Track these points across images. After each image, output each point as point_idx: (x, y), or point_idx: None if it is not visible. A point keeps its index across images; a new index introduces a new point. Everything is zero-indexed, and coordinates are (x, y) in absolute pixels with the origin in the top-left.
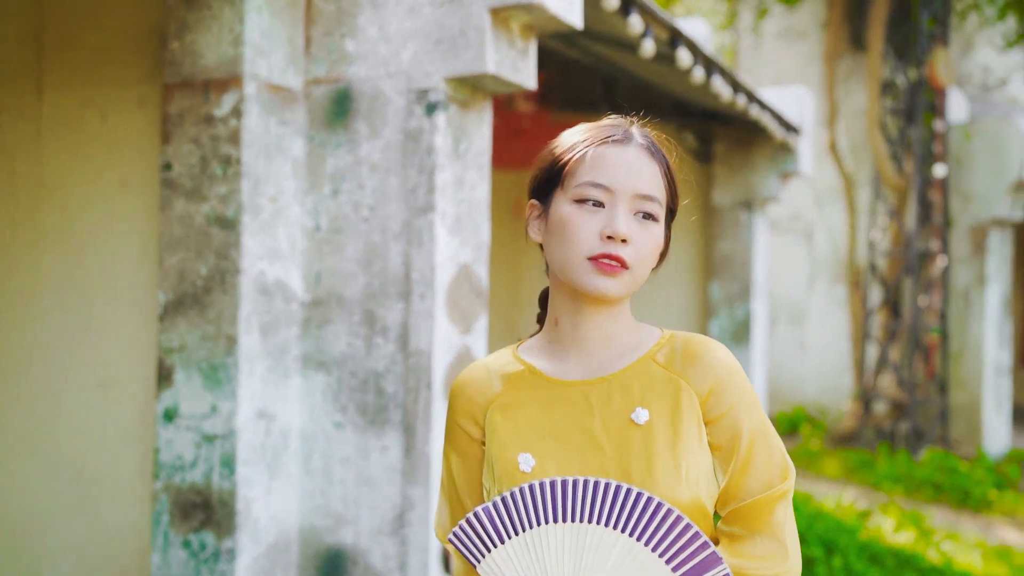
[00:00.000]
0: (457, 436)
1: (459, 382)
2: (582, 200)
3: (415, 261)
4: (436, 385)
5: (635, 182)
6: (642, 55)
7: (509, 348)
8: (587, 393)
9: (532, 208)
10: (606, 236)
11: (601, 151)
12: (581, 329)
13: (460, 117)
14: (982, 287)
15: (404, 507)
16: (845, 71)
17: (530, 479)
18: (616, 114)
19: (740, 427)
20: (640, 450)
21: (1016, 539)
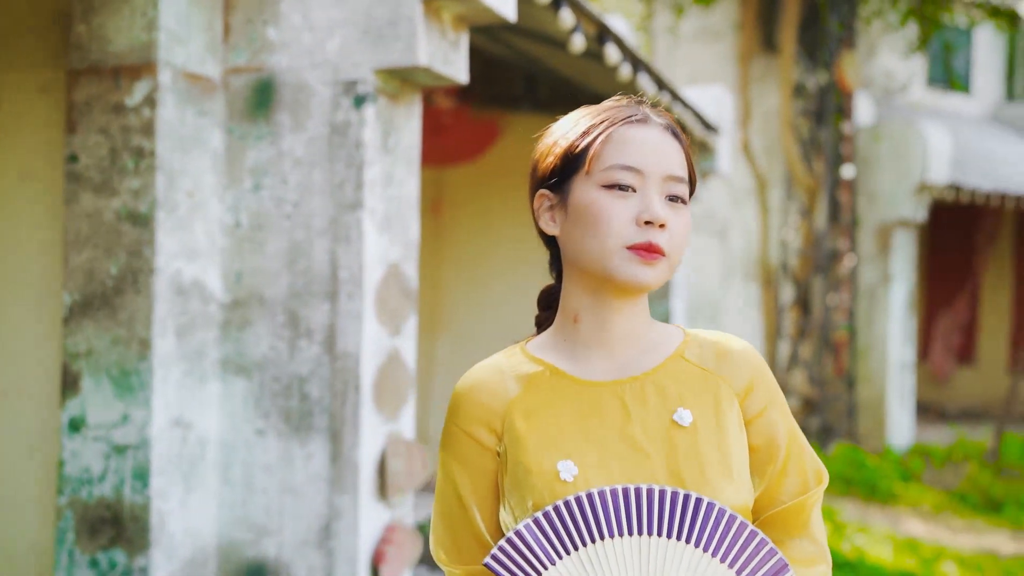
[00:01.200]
0: (464, 446)
1: (467, 385)
2: (611, 185)
3: (342, 260)
4: (364, 389)
5: (664, 163)
6: (571, 51)
7: (514, 347)
8: (619, 394)
9: (542, 199)
10: (643, 222)
11: (624, 131)
12: (607, 326)
13: (389, 110)
14: (887, 286)
15: (330, 517)
16: (758, 72)
17: (572, 489)
18: (540, 110)
19: (777, 429)
20: (688, 453)
21: (921, 530)
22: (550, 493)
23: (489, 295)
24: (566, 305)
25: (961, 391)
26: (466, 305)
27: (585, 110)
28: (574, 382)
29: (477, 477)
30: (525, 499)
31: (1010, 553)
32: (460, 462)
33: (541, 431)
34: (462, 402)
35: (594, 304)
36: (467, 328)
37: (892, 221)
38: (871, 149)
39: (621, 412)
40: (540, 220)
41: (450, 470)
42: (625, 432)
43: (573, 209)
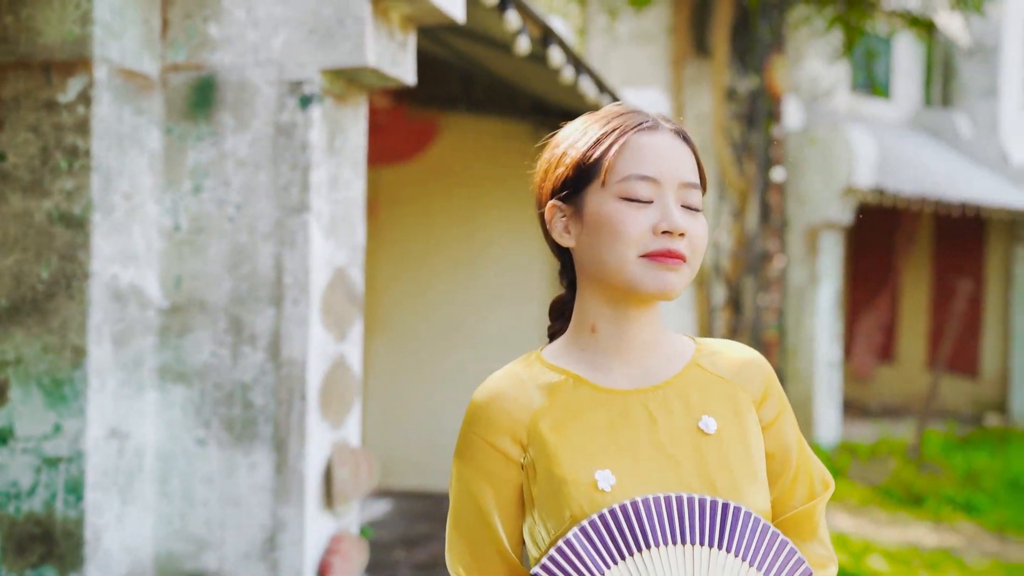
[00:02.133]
0: (489, 458)
1: (488, 395)
2: (628, 196)
3: (287, 264)
4: (311, 396)
5: (679, 171)
6: (516, 53)
7: (529, 357)
8: (645, 403)
9: (554, 210)
10: (661, 231)
11: (637, 140)
12: (626, 335)
13: (336, 111)
14: (815, 286)
15: (275, 528)
16: (691, 76)
17: (612, 498)
18: (477, 111)
19: (789, 436)
20: (717, 461)
21: (848, 524)
22: (590, 503)
23: (429, 297)
24: (582, 315)
25: (882, 388)
26: (404, 307)
27: (590, 118)
28: (599, 391)
29: (500, 489)
30: (562, 510)
31: (932, 545)
32: (482, 474)
33: (573, 441)
34: (484, 412)
35: (613, 314)
36: (406, 331)
37: (820, 223)
38: (800, 153)
39: (648, 420)
40: (554, 232)
41: (470, 483)
42: (654, 440)
43: (590, 221)
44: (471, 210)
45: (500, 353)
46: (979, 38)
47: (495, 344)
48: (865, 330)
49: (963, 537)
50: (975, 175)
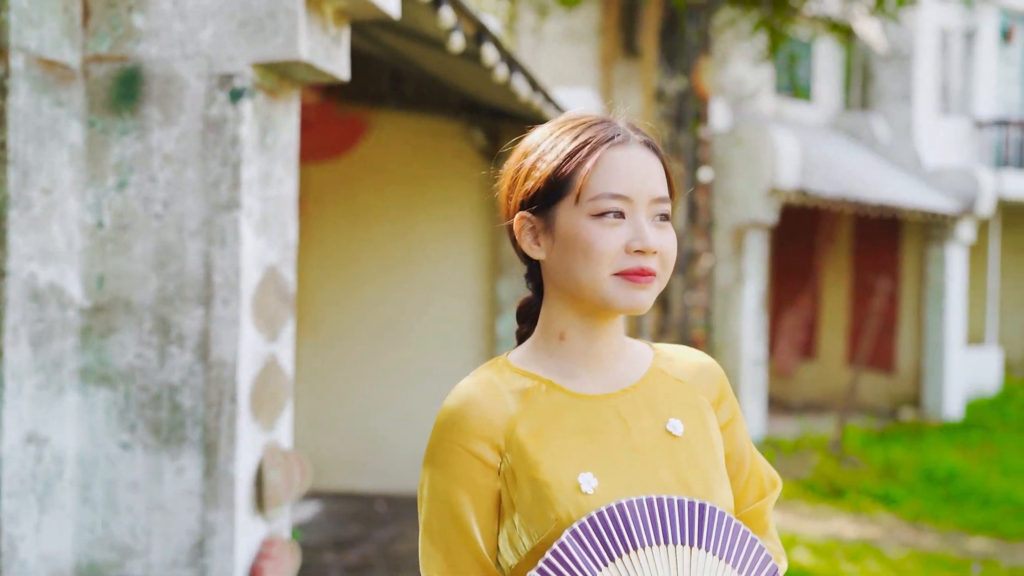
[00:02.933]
0: (466, 465)
1: (464, 401)
2: (601, 214)
3: (217, 262)
4: (241, 398)
5: (650, 186)
6: (450, 50)
7: (498, 362)
8: (615, 407)
9: (523, 221)
10: (634, 250)
11: (610, 157)
12: (596, 344)
13: (267, 106)
14: (741, 285)
15: (204, 534)
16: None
17: (596, 500)
18: (406, 108)
19: (743, 436)
20: (688, 462)
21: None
22: (575, 506)
23: (360, 297)
24: (550, 323)
25: (804, 385)
26: (334, 307)
27: (559, 127)
28: (571, 396)
29: (478, 496)
30: (547, 514)
31: (853, 537)
32: (459, 481)
33: (552, 446)
34: (460, 418)
35: (582, 324)
36: (335, 331)
37: (745, 223)
38: (727, 153)
39: (620, 424)
40: (523, 243)
41: (446, 490)
42: (628, 443)
43: (562, 237)
44: (402, 209)
45: (433, 353)
46: (895, 45)
47: (428, 344)
48: (788, 328)
49: (882, 528)
50: (891, 177)
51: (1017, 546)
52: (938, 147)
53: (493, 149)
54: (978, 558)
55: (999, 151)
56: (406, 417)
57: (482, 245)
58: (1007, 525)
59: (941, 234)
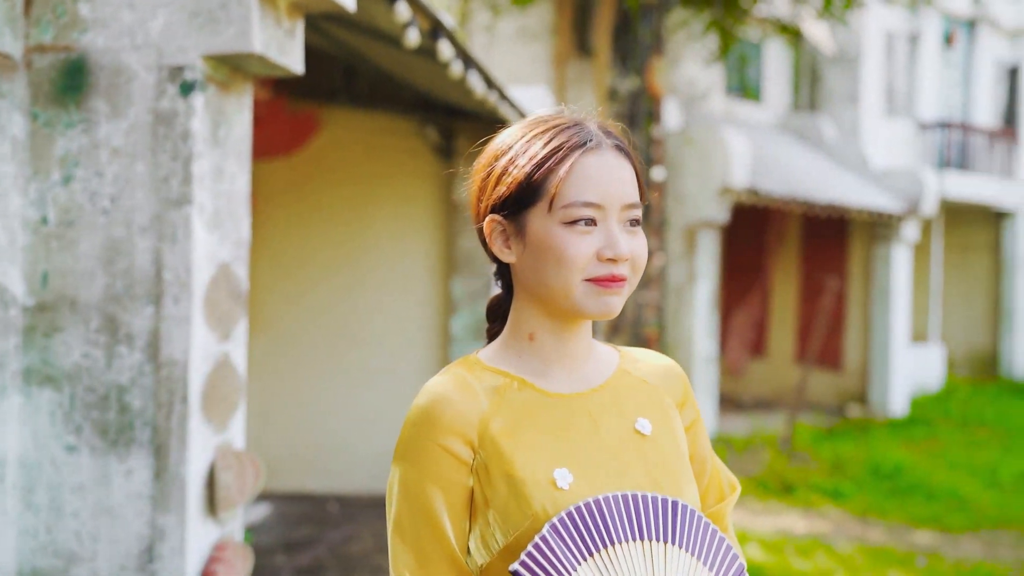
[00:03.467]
0: (438, 461)
1: (436, 397)
2: (573, 221)
3: (167, 259)
4: (193, 399)
5: (622, 192)
6: (405, 45)
7: (468, 360)
8: (586, 406)
9: (494, 224)
10: (606, 258)
11: (583, 164)
12: (565, 345)
13: (219, 100)
14: (693, 284)
15: (153, 538)
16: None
17: (571, 496)
18: (359, 105)
19: (705, 440)
20: (657, 461)
21: None
22: (551, 502)
23: (310, 296)
24: (520, 323)
25: (754, 383)
26: (284, 306)
27: (530, 129)
28: (543, 394)
29: (450, 492)
30: (523, 510)
31: (803, 532)
32: (431, 477)
33: (525, 443)
34: (433, 414)
35: (552, 326)
36: (285, 330)
37: (697, 222)
38: (679, 153)
39: (591, 423)
40: (493, 247)
41: (418, 486)
42: (599, 442)
43: (533, 243)
44: (355, 207)
45: (386, 352)
46: (842, 47)
47: (380, 343)
48: (738, 326)
49: (831, 523)
50: (839, 177)
51: (960, 538)
52: (884, 148)
53: (447, 147)
54: (923, 551)
55: (942, 152)
56: (358, 416)
57: (436, 243)
58: (951, 518)
59: (887, 234)
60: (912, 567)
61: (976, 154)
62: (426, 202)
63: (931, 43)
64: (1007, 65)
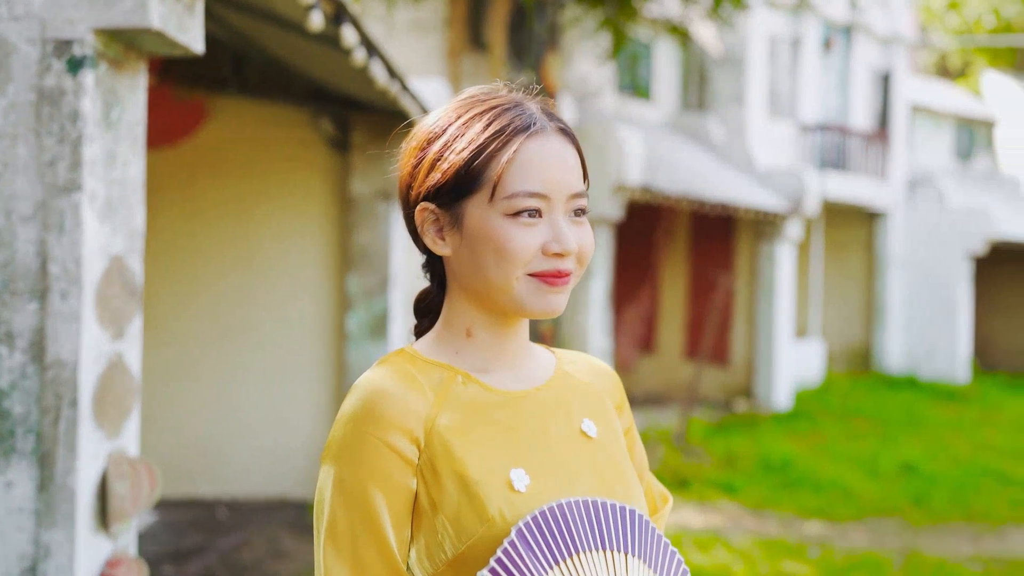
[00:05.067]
0: (382, 459)
1: (380, 389)
2: (516, 213)
3: (54, 251)
4: (83, 403)
5: (568, 181)
6: (309, 30)
7: (404, 353)
8: (531, 405)
9: (426, 213)
10: (552, 252)
11: (527, 151)
12: (504, 342)
13: (111, 79)
14: (588, 280)
15: (37, 557)
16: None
17: (529, 499)
18: (249, 94)
19: (640, 446)
20: (606, 464)
21: None
22: (508, 504)
23: (197, 292)
24: (455, 318)
25: (644, 378)
26: (168, 303)
27: (467, 109)
28: (490, 391)
29: (393, 494)
30: (478, 512)
31: (699, 526)
32: (374, 477)
33: (476, 440)
34: (377, 407)
35: (490, 322)
36: (169, 328)
37: (593, 219)
38: None
39: (538, 422)
40: (425, 237)
41: (357, 488)
42: (548, 442)
43: (471, 235)
44: (245, 200)
45: (277, 350)
46: (729, 49)
47: (271, 341)
48: (629, 322)
49: (726, 516)
50: (726, 176)
51: (847, 527)
52: (768, 148)
53: (343, 139)
54: (814, 541)
55: (823, 154)
56: (249, 417)
57: (330, 238)
58: (838, 509)
59: (772, 232)
60: (805, 558)
61: (853, 156)
62: (320, 196)
63: (811, 48)
64: (880, 71)
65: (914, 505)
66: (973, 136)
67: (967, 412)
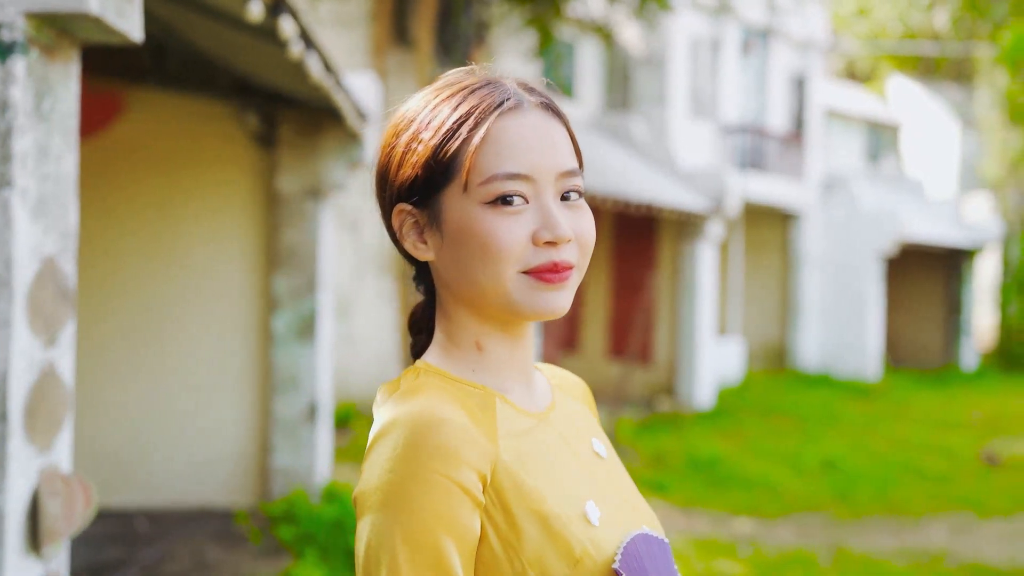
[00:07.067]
0: (454, 503)
1: (442, 420)
2: (497, 200)
3: None
4: (13, 417)
5: (555, 159)
6: (247, 20)
7: (430, 370)
8: (556, 426)
9: (403, 215)
10: (544, 241)
11: (501, 127)
12: (518, 351)
13: (43, 67)
14: None
15: None
16: (394, 65)
17: (602, 533)
18: (168, 86)
19: None
20: (622, 486)
21: None
22: (590, 542)
23: (112, 294)
24: (458, 332)
25: None
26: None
27: (435, 94)
28: (524, 414)
29: (463, 542)
30: (566, 554)
31: None
32: (443, 523)
33: (540, 472)
34: (443, 440)
35: (497, 332)
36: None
37: None
38: None
39: (568, 446)
40: (406, 242)
41: (426, 539)
42: (586, 467)
43: (451, 232)
44: (164, 197)
45: (198, 353)
46: (652, 50)
47: (192, 344)
48: (553, 321)
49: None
50: (649, 176)
51: (775, 523)
52: (690, 149)
53: (269, 134)
54: (744, 539)
55: (743, 155)
56: (168, 423)
57: (255, 237)
58: (765, 506)
59: (694, 232)
60: (737, 556)
61: (770, 157)
62: (245, 193)
63: (731, 50)
64: (795, 74)
65: (838, 500)
66: (881, 139)
67: (880, 408)
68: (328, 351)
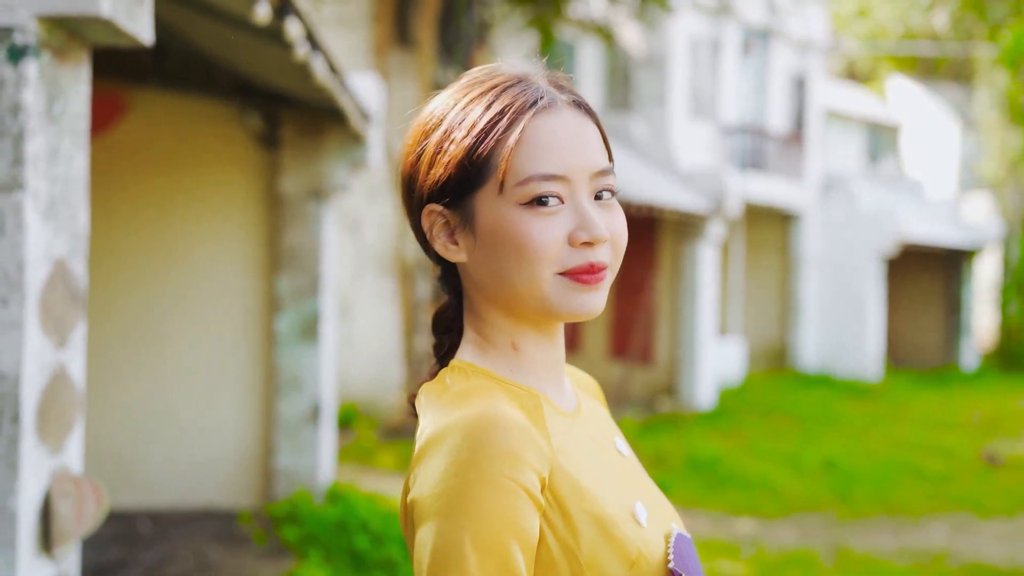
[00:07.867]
0: (520, 507)
1: (506, 422)
2: (533, 201)
3: None
4: (26, 418)
5: (589, 158)
6: (256, 21)
7: (475, 370)
8: (589, 427)
9: (433, 216)
10: (581, 242)
11: (536, 128)
12: (552, 352)
13: (55, 70)
14: None
15: None
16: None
17: (650, 534)
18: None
19: None
20: (647, 482)
21: None
22: (642, 542)
23: (116, 295)
24: (493, 333)
25: None
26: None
27: (465, 92)
28: (564, 415)
29: (527, 547)
30: (622, 556)
31: None
32: (510, 529)
33: (591, 473)
34: (509, 443)
35: (532, 332)
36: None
37: None
38: None
39: (603, 446)
40: (436, 244)
41: (496, 545)
42: (622, 466)
43: (485, 234)
44: (166, 198)
45: (201, 355)
46: (652, 50)
47: (195, 345)
48: None
49: None
50: (650, 176)
51: (776, 523)
52: (690, 149)
53: (271, 135)
54: (746, 539)
55: (743, 155)
56: (171, 425)
57: (258, 238)
58: (766, 506)
59: (694, 232)
60: (739, 557)
61: (770, 158)
62: (247, 194)
63: (731, 51)
64: (796, 75)
65: (838, 500)
66: (880, 140)
67: (880, 408)
68: (331, 352)
